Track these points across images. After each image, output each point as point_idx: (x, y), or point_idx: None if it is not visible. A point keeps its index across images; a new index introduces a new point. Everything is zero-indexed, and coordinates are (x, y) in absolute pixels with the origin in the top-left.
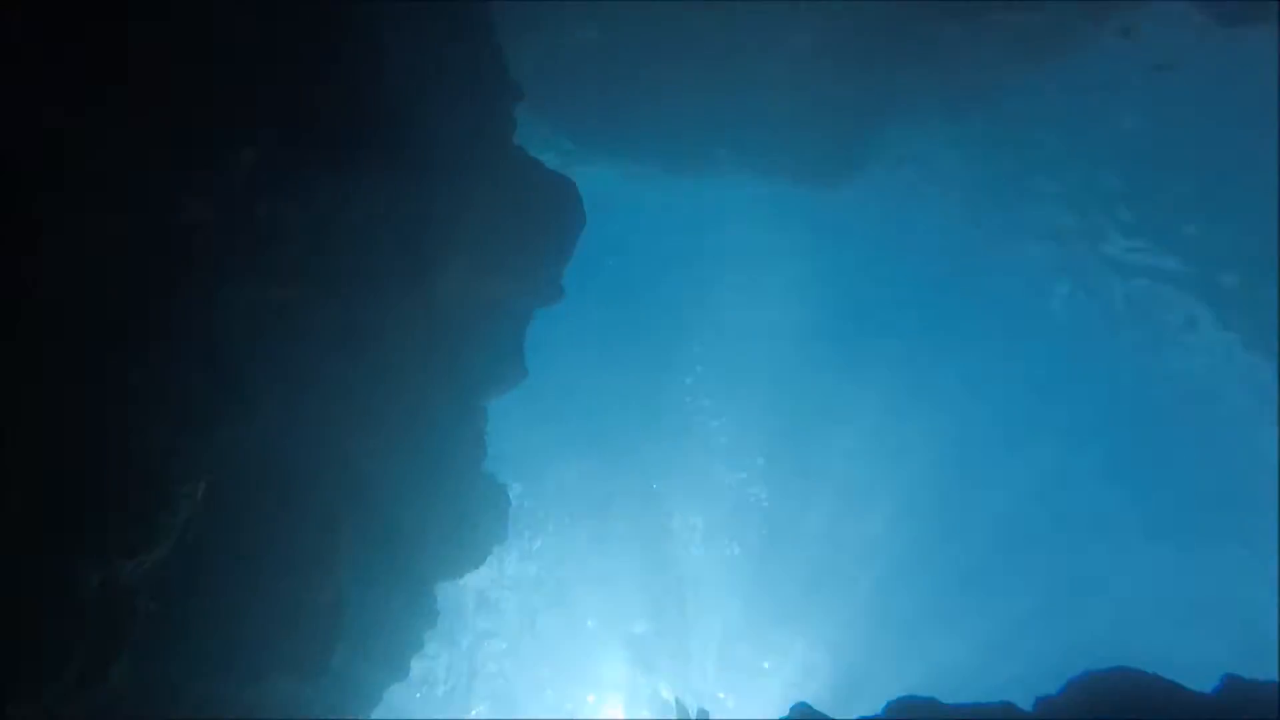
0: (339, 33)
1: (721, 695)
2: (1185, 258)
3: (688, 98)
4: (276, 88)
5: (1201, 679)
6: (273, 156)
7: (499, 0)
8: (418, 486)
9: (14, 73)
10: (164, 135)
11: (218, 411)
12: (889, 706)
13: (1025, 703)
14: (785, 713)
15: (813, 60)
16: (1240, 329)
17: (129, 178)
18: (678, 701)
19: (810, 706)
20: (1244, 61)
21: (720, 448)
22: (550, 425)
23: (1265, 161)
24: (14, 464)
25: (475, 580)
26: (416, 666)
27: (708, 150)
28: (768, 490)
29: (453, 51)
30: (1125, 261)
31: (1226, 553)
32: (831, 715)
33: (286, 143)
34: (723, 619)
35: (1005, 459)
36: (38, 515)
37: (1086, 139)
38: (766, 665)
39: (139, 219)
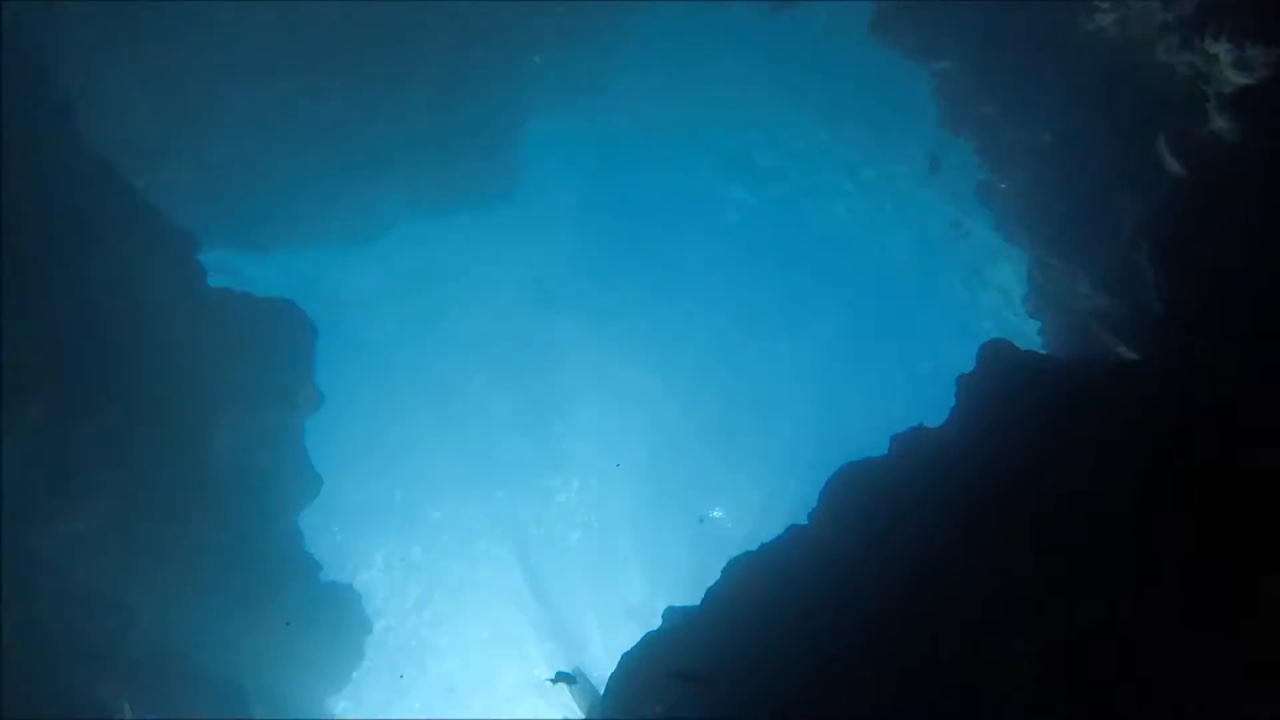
0: None
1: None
2: None
3: (339, 171)
4: None
5: None
6: None
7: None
8: (273, 633)
9: None
10: None
11: None
12: (718, 584)
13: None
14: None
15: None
16: None
17: None
18: (559, 674)
19: (674, 607)
20: None
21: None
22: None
23: None
24: None
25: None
26: None
27: (376, 208)
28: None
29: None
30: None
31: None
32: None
33: None
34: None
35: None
36: None
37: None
38: (632, 603)
39: None
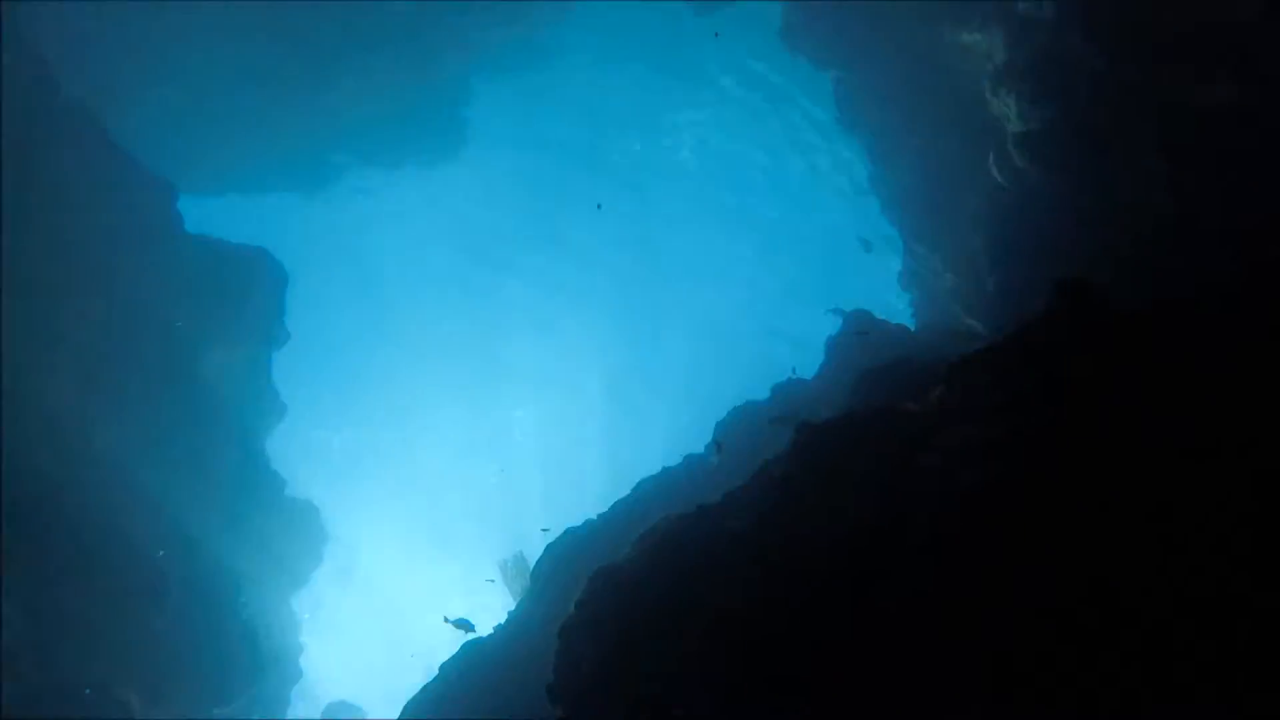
0: None
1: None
2: None
3: (292, 120)
4: None
5: None
6: None
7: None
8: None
9: None
10: None
11: None
12: (626, 497)
13: None
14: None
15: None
16: None
17: None
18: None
19: (590, 518)
20: None
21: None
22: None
23: None
24: None
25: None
26: None
27: (327, 157)
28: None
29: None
30: None
31: None
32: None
33: None
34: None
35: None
36: None
37: None
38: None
39: None
